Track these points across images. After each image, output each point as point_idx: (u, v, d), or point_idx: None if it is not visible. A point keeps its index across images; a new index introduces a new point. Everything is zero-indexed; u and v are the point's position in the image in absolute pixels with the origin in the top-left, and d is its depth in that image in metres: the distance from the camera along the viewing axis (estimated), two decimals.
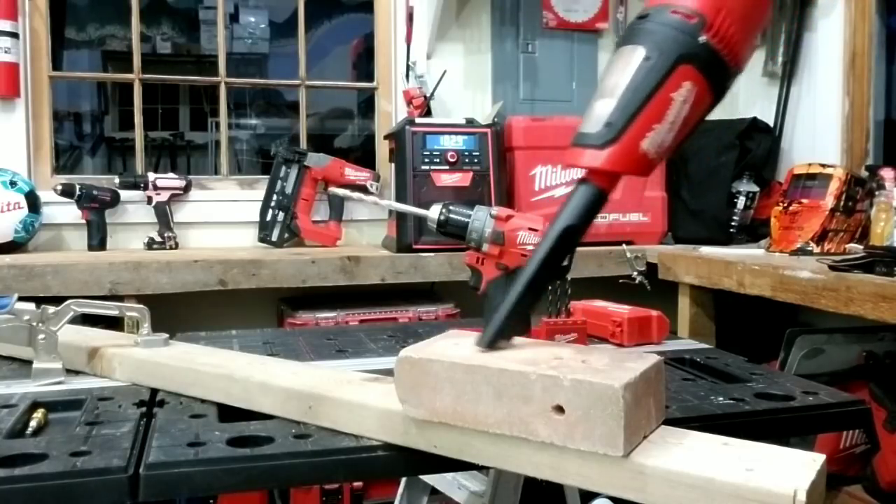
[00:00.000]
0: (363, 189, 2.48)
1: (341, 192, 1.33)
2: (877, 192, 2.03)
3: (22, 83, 2.33)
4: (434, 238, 2.06)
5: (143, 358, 1.00)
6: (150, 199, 2.40)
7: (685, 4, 0.69)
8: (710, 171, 2.52)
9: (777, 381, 1.00)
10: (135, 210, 2.44)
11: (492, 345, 0.74)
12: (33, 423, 0.84)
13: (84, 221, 2.33)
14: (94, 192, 2.33)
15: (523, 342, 0.79)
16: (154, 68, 2.79)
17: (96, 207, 2.33)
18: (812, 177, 2.10)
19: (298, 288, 2.11)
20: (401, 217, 2.20)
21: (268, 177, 2.48)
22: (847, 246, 2.04)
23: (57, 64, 2.59)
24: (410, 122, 2.30)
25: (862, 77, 2.45)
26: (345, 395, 0.82)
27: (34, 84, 2.40)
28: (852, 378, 1.93)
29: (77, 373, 1.03)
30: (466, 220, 1.06)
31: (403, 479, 1.50)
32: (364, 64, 3.84)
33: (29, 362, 1.01)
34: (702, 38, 0.68)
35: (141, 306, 1.06)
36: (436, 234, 1.09)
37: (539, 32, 2.77)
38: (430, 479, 1.44)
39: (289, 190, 2.44)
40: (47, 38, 2.43)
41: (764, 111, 2.71)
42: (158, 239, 2.38)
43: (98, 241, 2.32)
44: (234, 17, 5.83)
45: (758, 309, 2.05)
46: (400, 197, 2.27)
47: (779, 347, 1.93)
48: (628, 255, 2.13)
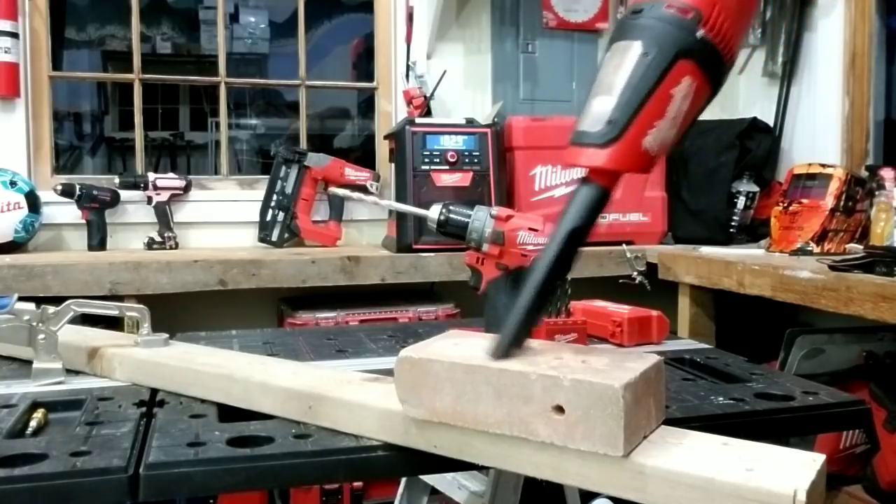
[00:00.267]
0: (363, 189, 2.48)
1: (341, 192, 1.33)
2: (877, 192, 2.03)
3: (22, 83, 2.33)
4: (434, 238, 2.06)
5: (143, 358, 1.00)
6: (150, 199, 2.40)
7: None
8: (710, 171, 2.52)
9: (777, 381, 1.00)
10: (135, 210, 2.44)
11: (506, 355, 0.71)
12: (33, 423, 0.84)
13: (84, 221, 2.33)
14: (94, 192, 2.33)
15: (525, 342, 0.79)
16: (154, 68, 2.79)
17: (96, 207, 2.33)
18: (812, 177, 2.10)
19: (298, 288, 2.11)
20: (401, 217, 2.20)
21: (268, 177, 2.48)
22: (847, 246, 2.04)
23: (57, 64, 2.59)
24: (410, 122, 2.30)
25: (862, 77, 2.45)
26: (345, 395, 0.82)
27: (34, 84, 2.40)
28: (852, 378, 1.93)
29: (77, 373, 1.03)
30: (466, 220, 1.06)
31: (403, 479, 1.50)
32: (364, 64, 3.84)
33: (29, 362, 1.01)
34: (699, 34, 0.68)
35: (141, 306, 1.06)
36: (436, 234, 1.09)
37: (539, 32, 2.77)
38: (430, 479, 1.44)
39: (289, 190, 2.44)
40: (47, 38, 2.43)
41: (764, 111, 2.71)
42: (158, 239, 2.38)
43: (98, 241, 2.32)
44: (234, 17, 5.82)
45: (758, 309, 2.05)
46: (400, 197, 2.27)
47: (779, 347, 1.93)
48: (628, 255, 2.13)
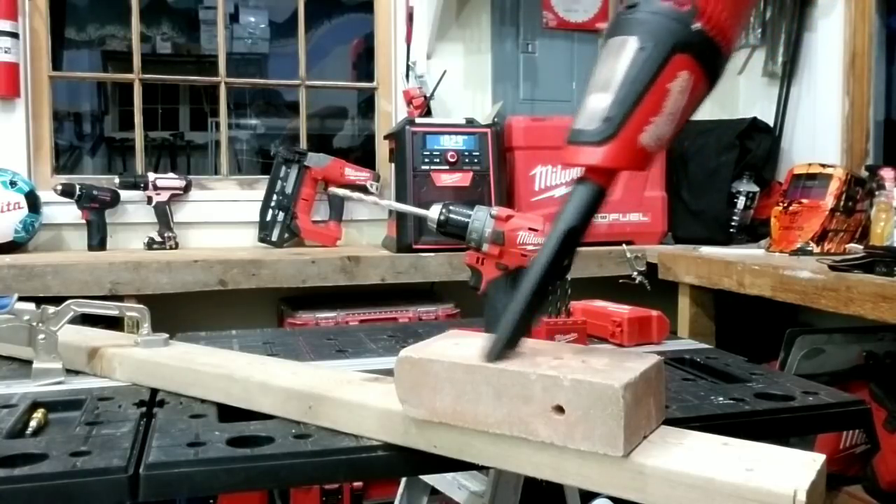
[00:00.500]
0: (363, 189, 2.47)
1: (341, 192, 1.33)
2: (877, 192, 2.03)
3: (22, 83, 2.33)
4: (434, 238, 2.06)
5: (143, 358, 1.00)
6: (150, 199, 2.40)
7: None
8: (710, 171, 2.52)
9: (777, 381, 1.00)
10: (135, 210, 2.44)
11: (501, 357, 0.70)
12: (33, 423, 0.84)
13: (84, 221, 2.33)
14: (94, 192, 2.33)
15: (523, 342, 0.79)
16: (154, 68, 2.79)
17: (96, 207, 2.33)
18: (812, 177, 2.10)
19: (298, 288, 2.10)
20: (401, 217, 2.20)
21: (268, 177, 2.48)
22: (847, 246, 2.04)
23: (57, 64, 2.58)
24: (410, 122, 2.30)
25: (862, 77, 2.45)
26: (345, 395, 0.82)
27: (34, 84, 2.40)
28: (852, 378, 1.93)
29: (77, 373, 1.03)
30: (466, 220, 1.06)
31: (403, 479, 1.50)
32: (364, 64, 3.84)
33: (29, 362, 1.01)
34: (695, 26, 0.66)
35: (141, 306, 1.06)
36: (436, 234, 1.09)
37: (539, 32, 2.77)
38: (430, 479, 1.44)
39: (289, 190, 2.44)
40: (47, 38, 2.43)
41: (764, 111, 2.71)
42: (158, 239, 2.38)
43: (98, 241, 2.32)
44: (234, 17, 5.82)
45: (758, 309, 2.05)
46: (400, 197, 2.27)
47: (779, 347, 1.93)
48: (628, 255, 2.13)
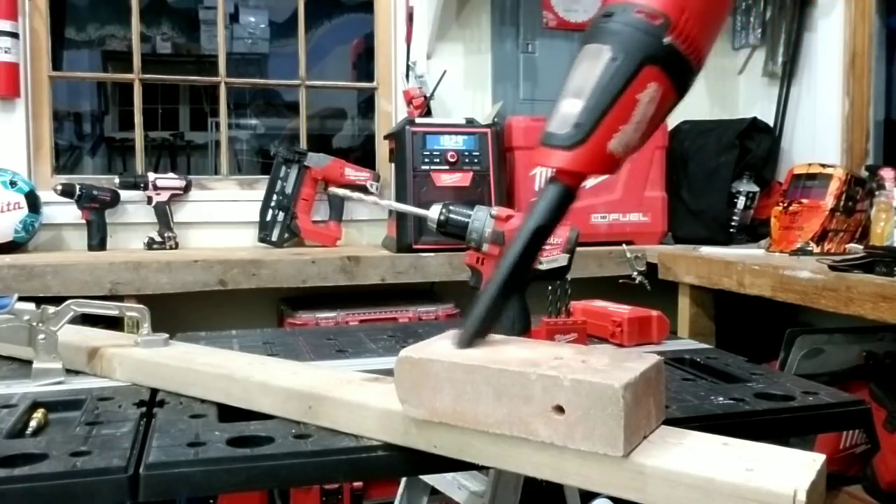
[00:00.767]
0: (363, 189, 2.47)
1: (341, 192, 1.33)
2: (877, 192, 2.03)
3: (22, 83, 2.33)
4: (434, 238, 2.06)
5: (143, 358, 1.00)
6: (150, 199, 2.40)
7: (649, 4, 0.70)
8: (710, 171, 2.52)
9: (777, 381, 1.00)
10: (135, 210, 2.44)
11: (469, 344, 0.74)
12: (33, 423, 0.84)
13: (84, 221, 2.33)
14: (94, 192, 2.33)
15: (521, 342, 0.79)
16: (154, 68, 2.79)
17: (96, 207, 2.33)
18: (812, 177, 2.10)
19: (298, 288, 2.11)
20: (401, 217, 2.20)
21: (268, 177, 2.48)
22: (847, 246, 2.04)
23: (57, 64, 2.58)
24: (410, 122, 2.30)
25: (862, 77, 2.45)
26: (345, 395, 0.82)
27: (34, 84, 2.40)
28: (852, 378, 1.93)
29: (77, 373, 1.03)
30: (466, 220, 1.06)
31: (403, 479, 1.50)
32: (364, 64, 3.84)
33: (29, 362, 1.01)
34: (666, 40, 0.69)
35: (141, 306, 1.06)
36: (436, 234, 1.09)
37: (539, 32, 2.76)
38: (430, 479, 1.44)
39: (289, 190, 2.44)
40: (47, 38, 2.43)
41: (764, 111, 2.71)
42: (158, 239, 2.38)
43: (98, 241, 2.32)
44: (234, 17, 5.82)
45: (758, 309, 2.05)
46: (400, 197, 2.27)
47: (779, 347, 1.93)
48: (628, 255, 2.13)
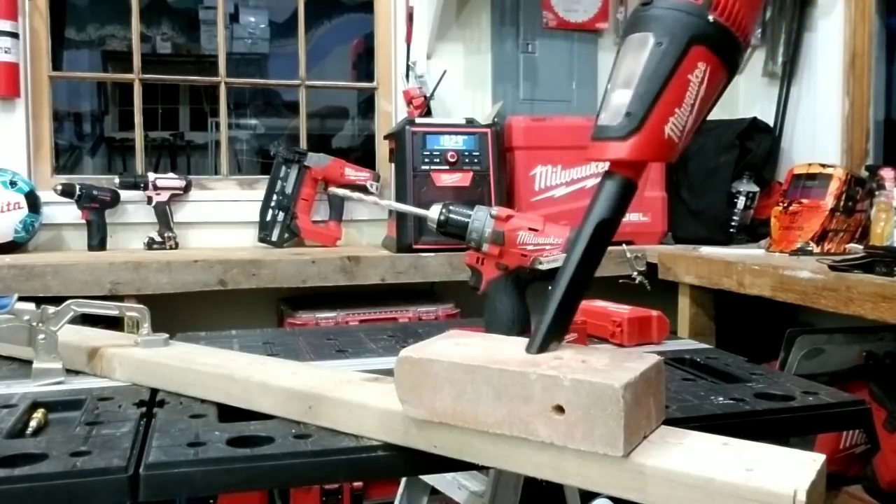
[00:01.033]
0: (363, 189, 2.47)
1: (341, 192, 1.33)
2: (877, 192, 2.03)
3: (22, 83, 2.33)
4: (434, 238, 2.06)
5: (143, 358, 1.00)
6: (150, 199, 2.40)
7: None
8: (710, 171, 2.52)
9: (777, 381, 1.00)
10: (135, 210, 2.44)
11: (543, 349, 0.73)
12: (33, 423, 0.84)
13: (84, 221, 2.33)
14: (94, 192, 2.33)
15: (521, 342, 0.79)
16: (154, 68, 2.79)
17: (96, 207, 2.33)
18: (812, 177, 2.10)
19: (298, 288, 2.10)
20: (401, 217, 2.20)
21: (268, 177, 2.48)
22: (847, 246, 2.04)
23: (57, 64, 2.58)
24: (410, 122, 2.30)
25: (862, 77, 2.45)
26: (345, 395, 0.82)
27: (34, 84, 2.40)
28: (852, 378, 1.93)
29: (77, 373, 1.03)
30: (466, 220, 1.06)
31: (403, 479, 1.50)
32: (364, 64, 3.84)
33: (29, 362, 1.01)
34: (710, 17, 0.68)
35: (141, 306, 1.06)
36: (436, 234, 1.09)
37: (539, 32, 2.77)
38: (430, 479, 1.44)
39: (289, 190, 2.44)
40: (47, 38, 2.43)
41: (764, 111, 2.71)
42: (158, 239, 2.38)
43: (98, 241, 2.32)
44: (234, 17, 5.82)
45: (758, 309, 2.05)
46: (400, 197, 2.27)
47: (779, 347, 1.93)
48: (628, 255, 2.11)
